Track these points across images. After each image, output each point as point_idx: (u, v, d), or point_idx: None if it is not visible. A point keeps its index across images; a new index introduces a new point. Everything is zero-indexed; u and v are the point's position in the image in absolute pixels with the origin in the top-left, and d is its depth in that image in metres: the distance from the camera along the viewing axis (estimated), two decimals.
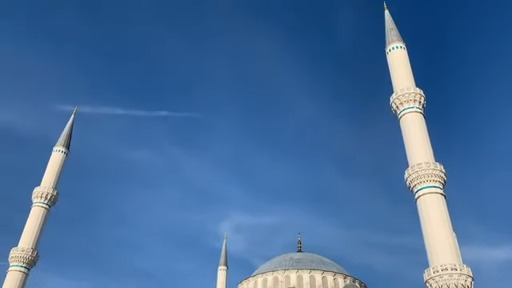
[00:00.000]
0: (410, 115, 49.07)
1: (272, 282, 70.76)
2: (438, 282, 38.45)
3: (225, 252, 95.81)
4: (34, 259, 62.45)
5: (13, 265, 60.96)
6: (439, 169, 44.40)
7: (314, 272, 70.30)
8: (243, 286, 76.00)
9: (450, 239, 41.03)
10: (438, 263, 39.27)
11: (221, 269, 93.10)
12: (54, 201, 67.75)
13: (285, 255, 78.06)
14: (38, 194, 66.75)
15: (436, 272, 38.95)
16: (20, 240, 63.39)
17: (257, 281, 72.90)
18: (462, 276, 38.28)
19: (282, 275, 70.62)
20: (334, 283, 69.52)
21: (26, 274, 61.29)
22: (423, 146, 46.79)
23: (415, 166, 44.84)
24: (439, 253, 40.05)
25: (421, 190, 43.60)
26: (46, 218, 65.99)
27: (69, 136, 73.49)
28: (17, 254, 61.29)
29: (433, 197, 42.89)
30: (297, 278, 69.67)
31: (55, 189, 68.12)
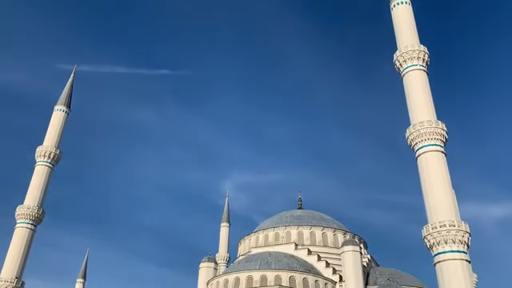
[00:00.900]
0: (414, 73, 48.48)
1: (273, 237, 72.45)
2: (436, 238, 39.25)
3: (227, 209, 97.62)
4: (40, 216, 63.74)
5: (20, 222, 62.31)
6: (441, 127, 44.34)
7: (315, 228, 71.82)
8: (245, 242, 77.92)
9: (449, 196, 41.56)
10: (437, 220, 39.96)
11: (223, 225, 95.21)
12: (57, 159, 68.37)
13: (286, 212, 79.55)
14: (41, 153, 67.28)
15: (434, 228, 39.71)
16: (26, 198, 64.49)
17: (258, 237, 74.64)
18: (460, 232, 39.03)
19: (283, 231, 72.22)
20: (333, 239, 71.13)
21: (33, 230, 62.74)
22: (425, 104, 46.52)
23: (417, 125, 44.77)
24: (438, 210, 40.68)
25: (421, 149, 43.74)
26: (49, 176, 66.82)
27: (69, 95, 73.14)
28: (23, 212, 62.50)
29: (433, 155, 43.08)
30: (297, 233, 71.27)
31: (58, 148, 68.55)
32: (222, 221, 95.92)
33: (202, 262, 75.05)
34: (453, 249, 38.57)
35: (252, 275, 57.87)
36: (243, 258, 67.93)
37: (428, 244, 40.08)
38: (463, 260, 38.38)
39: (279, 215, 78.80)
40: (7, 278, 58.25)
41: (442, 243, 38.98)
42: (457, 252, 38.47)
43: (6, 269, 59.22)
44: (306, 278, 58.18)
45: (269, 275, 57.29)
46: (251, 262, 61.38)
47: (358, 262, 62.64)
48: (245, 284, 57.24)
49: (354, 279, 60.78)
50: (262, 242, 73.18)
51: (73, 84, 73.77)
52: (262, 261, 60.62)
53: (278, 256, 61.91)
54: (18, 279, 59.11)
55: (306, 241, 70.17)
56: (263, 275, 57.49)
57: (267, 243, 71.85)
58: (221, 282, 60.29)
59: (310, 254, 65.72)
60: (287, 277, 57.20)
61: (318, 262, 64.10)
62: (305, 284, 57.37)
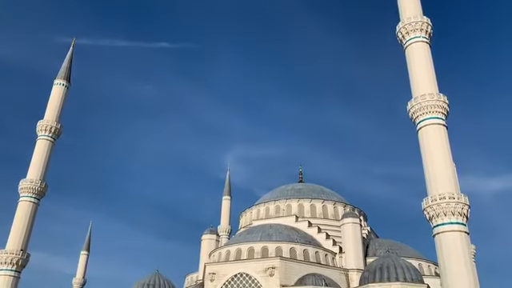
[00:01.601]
0: (416, 45, 47.84)
1: (274, 210, 73.25)
2: (436, 210, 39.61)
3: (228, 182, 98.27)
4: (43, 190, 64.21)
5: (23, 195, 62.82)
6: (443, 100, 44.07)
7: (315, 201, 72.52)
8: (246, 215, 78.85)
9: (450, 169, 41.71)
10: (437, 192, 40.22)
11: (225, 198, 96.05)
12: (58, 134, 68.36)
13: (286, 185, 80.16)
14: (41, 128, 67.21)
15: (434, 201, 40.00)
16: (28, 172, 64.83)
17: (259, 209, 75.46)
18: (459, 204, 39.34)
19: (284, 204, 72.95)
20: (333, 211, 71.92)
21: (36, 204, 63.32)
22: (427, 77, 46.10)
23: (418, 98, 44.51)
24: (438, 182, 40.90)
25: (423, 122, 43.60)
26: (51, 150, 66.95)
27: (68, 69, 72.46)
28: (26, 186, 62.92)
29: (434, 128, 42.97)
30: (298, 206, 72.01)
31: (58, 122, 68.43)
32: (224, 194, 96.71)
33: (204, 234, 76.11)
34: (452, 221, 38.97)
35: (253, 247, 58.78)
36: (244, 230, 68.87)
37: (427, 216, 40.48)
38: (462, 232, 38.83)
39: (280, 188, 79.44)
40: (12, 250, 59.15)
41: (441, 215, 39.35)
42: (456, 224, 38.89)
43: (11, 242, 60.08)
44: (307, 249, 59.10)
45: (270, 247, 58.19)
46: (252, 234, 62.25)
47: (358, 233, 63.52)
48: (246, 255, 58.19)
49: (353, 250, 61.77)
50: (263, 214, 74.02)
51: (72, 57, 72.97)
52: (263, 233, 61.46)
53: (278, 228, 62.74)
54: (24, 251, 60.05)
55: (306, 213, 70.96)
56: (264, 247, 58.39)
57: (268, 216, 72.68)
58: (223, 254, 61.31)
59: (311, 226, 66.57)
60: (288, 248, 58.10)
61: (319, 234, 65.00)
62: (305, 255, 58.31)
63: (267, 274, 53.47)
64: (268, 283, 52.99)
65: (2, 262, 58.62)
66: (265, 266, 54.08)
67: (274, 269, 53.47)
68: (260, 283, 53.46)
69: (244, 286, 54.53)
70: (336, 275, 57.36)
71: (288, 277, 53.57)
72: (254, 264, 55.16)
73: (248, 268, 55.11)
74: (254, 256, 57.36)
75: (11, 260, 58.65)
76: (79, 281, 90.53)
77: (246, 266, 55.44)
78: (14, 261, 58.73)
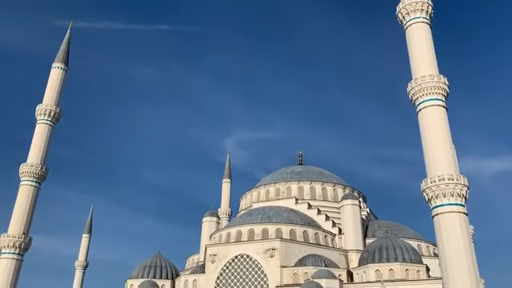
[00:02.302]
0: (417, 26, 47.35)
1: (274, 192, 73.65)
2: (435, 192, 39.78)
3: (228, 165, 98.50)
4: (44, 174, 64.37)
5: (24, 179, 63.02)
6: (443, 81, 43.83)
7: (315, 183, 72.88)
8: (247, 197, 79.30)
9: (449, 150, 41.75)
10: (436, 174, 40.34)
11: (225, 181, 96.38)
12: (58, 118, 68.17)
13: (286, 168, 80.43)
14: (41, 112, 67.00)
15: (433, 182, 40.14)
16: (28, 156, 64.88)
17: (260, 192, 75.88)
18: (458, 185, 39.50)
19: (284, 186, 73.32)
20: (333, 193, 72.34)
21: (37, 188, 63.56)
22: (428, 58, 45.76)
23: (418, 79, 44.27)
24: (437, 164, 40.98)
25: (423, 103, 43.44)
26: (51, 134, 66.85)
27: (66, 52, 71.84)
28: (26, 170, 63.05)
29: (434, 109, 42.83)
30: (298, 188, 72.40)
31: (58, 106, 68.16)
32: (224, 177, 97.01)
33: (205, 216, 76.68)
34: (451, 202, 39.17)
35: (253, 228, 59.29)
36: (245, 213, 69.39)
37: (427, 197, 40.68)
38: (461, 213, 39.08)
39: (280, 171, 79.72)
40: (15, 233, 59.60)
41: (440, 196, 39.54)
42: (454, 205, 39.11)
43: (13, 225, 60.49)
44: (306, 230, 59.63)
45: (270, 228, 58.70)
46: (253, 216, 62.72)
47: (357, 215, 64.04)
48: (246, 237, 58.73)
49: (353, 232, 62.36)
50: (263, 196, 74.46)
51: (69, 40, 72.26)
52: (263, 215, 61.93)
53: (278, 210, 63.19)
54: (26, 235, 60.51)
55: (306, 195, 71.38)
56: (264, 228, 58.89)
57: (268, 198, 73.13)
58: (223, 236, 61.87)
59: (310, 208, 67.04)
60: (288, 230, 58.61)
61: (318, 216, 65.51)
62: (305, 236, 58.87)
63: (267, 255, 54.07)
64: (268, 264, 53.63)
65: (4, 245, 59.14)
66: (265, 248, 54.65)
67: (275, 250, 54.04)
68: (260, 264, 54.11)
69: (245, 267, 55.19)
70: (335, 256, 58.02)
71: (288, 258, 54.19)
72: (255, 245, 55.72)
73: (248, 249, 55.70)
74: (255, 238, 57.90)
75: (14, 243, 59.14)
76: (81, 263, 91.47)
77: (247, 248, 56.02)
78: (16, 244, 59.24)
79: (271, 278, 52.86)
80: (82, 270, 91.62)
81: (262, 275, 53.64)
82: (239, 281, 54.74)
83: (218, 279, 55.70)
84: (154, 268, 63.97)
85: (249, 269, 54.85)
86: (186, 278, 60.57)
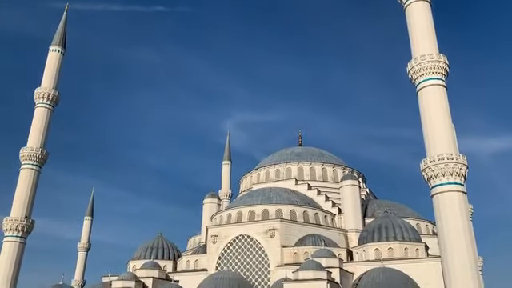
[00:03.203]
0: (417, 4, 46.83)
1: (274, 174, 73.95)
2: (434, 171, 39.96)
3: (228, 147, 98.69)
4: (44, 157, 64.52)
5: (24, 163, 63.21)
6: (443, 60, 43.60)
7: (314, 164, 73.12)
8: (247, 179, 79.66)
9: (449, 130, 41.78)
10: (435, 153, 40.46)
11: (225, 163, 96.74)
12: (56, 101, 67.96)
13: (286, 149, 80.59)
14: (39, 95, 66.76)
15: (432, 161, 40.29)
16: (28, 140, 64.93)
17: (260, 173, 76.18)
18: (458, 165, 39.65)
19: (284, 168, 73.58)
20: (333, 174, 72.65)
21: (38, 171, 63.80)
22: (428, 37, 45.39)
23: (418, 58, 44.03)
24: (437, 143, 41.06)
25: (423, 82, 43.31)
26: (50, 118, 66.74)
27: (63, 34, 71.15)
28: (26, 153, 63.18)
29: (434, 89, 42.72)
30: (298, 170, 72.68)
31: (56, 89, 67.88)
32: (224, 159, 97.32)
33: (206, 198, 77.18)
34: (450, 181, 39.39)
35: (254, 209, 59.73)
36: (245, 194, 69.78)
37: (426, 177, 40.89)
38: (460, 192, 39.33)
39: (280, 152, 79.89)
40: (17, 217, 60.07)
41: (439, 176, 39.75)
42: (454, 184, 39.34)
43: (15, 208, 60.92)
44: (306, 211, 60.09)
45: (270, 209, 59.14)
46: (253, 197, 63.11)
47: (357, 195, 64.45)
48: (247, 217, 59.21)
49: (352, 212, 62.86)
50: (263, 178, 74.79)
51: (66, 23, 71.54)
52: (263, 196, 62.30)
53: (278, 191, 63.54)
54: (28, 218, 60.99)
55: (306, 176, 71.69)
56: (265, 209, 59.33)
57: (268, 179, 73.47)
58: (224, 217, 62.37)
59: (310, 189, 67.42)
60: (288, 210, 59.06)
61: (318, 196, 65.92)
62: (305, 217, 59.35)
63: (268, 235, 54.60)
64: (269, 244, 54.21)
65: (7, 228, 59.63)
66: (265, 228, 55.16)
67: (275, 230, 54.55)
68: (261, 244, 54.69)
69: (245, 247, 55.80)
70: (335, 235, 58.59)
71: (288, 238, 54.74)
72: (255, 226, 56.23)
73: (249, 230, 56.23)
74: (255, 218, 58.38)
75: (16, 226, 59.66)
76: (84, 245, 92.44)
77: (248, 228, 56.54)
78: (19, 227, 59.76)
79: (272, 257, 53.50)
80: (85, 252, 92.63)
81: (263, 255, 54.28)
82: (240, 261, 55.41)
83: (220, 259, 56.38)
84: (155, 249, 64.66)
85: (249, 249, 55.46)
86: (188, 258, 61.29)
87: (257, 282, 53.39)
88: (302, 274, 41.80)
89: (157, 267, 57.20)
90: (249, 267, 54.72)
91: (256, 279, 53.67)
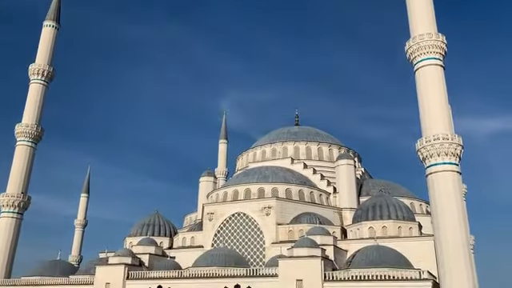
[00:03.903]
0: None
1: (270, 153, 74.12)
2: (429, 151, 40.23)
3: (224, 126, 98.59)
4: (40, 134, 64.35)
5: (20, 140, 63.05)
6: (441, 40, 43.40)
7: (310, 143, 73.26)
8: (243, 158, 79.84)
9: (445, 110, 41.88)
10: (431, 133, 40.64)
11: (221, 142, 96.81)
12: (51, 77, 67.39)
13: (282, 128, 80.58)
14: (34, 71, 66.16)
15: (428, 141, 40.53)
16: (23, 116, 64.61)
17: (256, 152, 76.32)
18: (453, 145, 39.91)
19: (280, 147, 73.72)
20: (329, 153, 72.90)
21: (34, 148, 63.70)
22: (426, 16, 45.06)
23: (417, 38, 43.79)
24: (433, 123, 41.21)
25: (420, 62, 43.20)
26: (45, 94, 66.30)
27: (57, 9, 70.09)
28: (22, 130, 62.97)
29: (432, 69, 42.64)
30: (294, 149, 72.82)
31: (51, 65, 67.24)
32: (220, 137, 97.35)
33: (202, 176, 77.45)
34: (445, 161, 39.71)
35: (250, 188, 60.07)
36: (241, 172, 70.06)
37: (421, 157, 41.17)
38: (454, 172, 39.70)
39: (276, 131, 79.89)
40: (14, 193, 60.26)
41: (434, 156, 40.02)
42: (448, 164, 39.68)
43: (11, 185, 61.05)
44: (302, 189, 60.52)
45: (266, 187, 59.50)
46: (249, 176, 63.40)
47: (352, 174, 64.85)
48: (243, 196, 59.60)
49: (347, 190, 63.36)
50: (259, 157, 74.98)
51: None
52: (259, 174, 62.58)
53: (274, 170, 63.82)
54: (24, 194, 61.21)
55: (302, 155, 71.92)
56: (261, 188, 59.68)
57: (264, 158, 73.67)
58: (220, 195, 62.74)
59: (306, 168, 67.73)
60: (283, 189, 59.46)
61: (314, 175, 66.29)
62: (300, 195, 59.80)
63: (264, 213, 55.10)
64: (264, 222, 54.76)
65: (4, 204, 59.91)
66: (261, 206, 55.62)
67: (271, 208, 55.03)
68: (257, 222, 55.24)
69: (241, 224, 56.35)
70: (330, 214, 59.20)
71: (284, 216, 55.28)
72: (251, 204, 56.68)
73: (245, 208, 56.69)
74: (251, 197, 58.78)
75: (13, 202, 59.91)
76: (80, 222, 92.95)
77: (243, 206, 57.00)
78: (15, 203, 60.03)
79: (267, 234, 54.12)
80: (82, 228, 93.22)
81: (258, 232, 54.89)
82: (236, 238, 56.03)
83: (216, 236, 56.99)
84: (152, 226, 65.16)
85: (245, 226, 56.03)
86: (184, 235, 61.88)
87: (252, 259, 54.13)
88: (297, 251, 42.36)
89: (153, 244, 57.75)
90: (244, 244, 55.37)
91: (251, 256, 54.39)
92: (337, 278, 40.01)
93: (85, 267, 57.58)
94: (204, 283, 44.77)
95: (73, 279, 53.21)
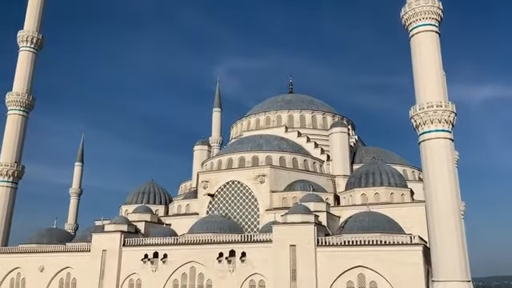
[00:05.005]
0: None
1: (264, 121, 74.06)
2: (423, 118, 40.31)
3: (218, 95, 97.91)
4: (31, 103, 63.69)
5: (11, 108, 62.42)
6: (437, 6, 42.76)
7: (305, 111, 73.19)
8: (237, 126, 79.75)
9: (439, 77, 41.73)
10: (425, 100, 40.65)
11: (215, 110, 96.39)
12: (41, 45, 66.11)
13: (276, 97, 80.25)
14: (22, 38, 64.83)
15: (422, 109, 40.55)
16: (13, 85, 63.74)
17: (250, 121, 76.21)
18: (446, 112, 39.98)
19: (274, 115, 73.62)
20: (322, 121, 72.98)
21: (26, 117, 63.16)
22: None
23: (412, 3, 43.09)
24: (427, 90, 41.15)
25: (416, 28, 42.68)
26: (35, 62, 65.22)
27: None
28: (13, 99, 62.27)
29: (427, 35, 42.20)
30: (288, 117, 72.77)
31: (40, 32, 65.83)
32: (214, 106, 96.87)
33: (196, 144, 77.52)
34: (438, 128, 39.86)
35: (244, 156, 60.32)
36: (235, 141, 70.15)
37: (415, 124, 41.28)
38: (447, 139, 39.94)
39: (270, 100, 79.56)
40: (7, 162, 60.13)
41: (427, 123, 40.15)
42: (441, 131, 39.86)
43: (5, 154, 60.85)
44: (296, 157, 60.87)
45: (260, 156, 59.77)
46: (243, 144, 63.54)
47: (346, 142, 65.19)
48: (237, 164, 59.90)
49: (340, 158, 63.85)
50: (253, 125, 74.94)
51: None
52: (253, 143, 62.74)
53: (268, 138, 63.96)
54: (18, 163, 61.13)
55: (296, 124, 71.97)
56: (255, 156, 59.95)
57: (258, 127, 73.68)
58: (215, 163, 63.00)
59: (300, 136, 67.93)
60: (277, 157, 59.77)
61: (307, 144, 66.58)
62: (294, 163, 60.20)
63: (258, 181, 55.58)
64: (259, 190, 55.33)
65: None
66: (255, 174, 56.06)
67: (265, 176, 55.50)
68: (251, 189, 55.80)
69: (236, 192, 56.91)
70: (323, 181, 59.84)
71: (278, 183, 55.83)
72: (246, 172, 57.07)
73: (239, 176, 57.12)
74: (245, 165, 59.10)
75: (7, 172, 59.91)
76: (75, 191, 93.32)
77: (238, 174, 57.41)
78: (9, 172, 60.04)
79: (261, 202, 54.80)
80: (77, 197, 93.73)
81: (253, 199, 55.55)
82: (230, 205, 56.71)
83: (210, 203, 57.63)
84: (147, 194, 65.68)
85: (240, 194, 56.60)
86: (179, 203, 62.50)
87: (246, 225, 54.97)
88: (291, 217, 43.00)
89: (149, 211, 58.35)
90: (239, 211, 56.11)
91: (246, 222, 55.21)
92: (329, 243, 40.85)
93: (81, 235, 58.29)
94: (199, 249, 45.60)
95: (70, 246, 53.95)
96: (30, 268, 53.54)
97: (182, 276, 45.92)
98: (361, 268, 39.12)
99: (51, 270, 52.36)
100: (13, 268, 54.79)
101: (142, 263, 47.27)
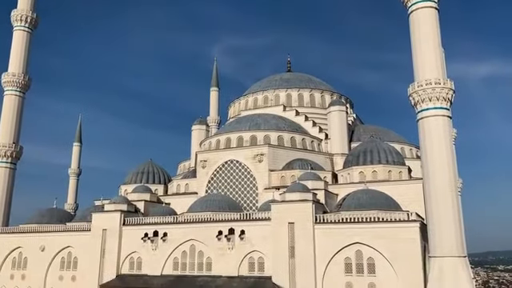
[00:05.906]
0: None
1: (262, 100, 73.83)
2: (421, 96, 40.18)
3: (216, 74, 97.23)
4: (27, 83, 63.27)
5: (7, 89, 62.07)
6: None
7: (303, 90, 72.93)
8: (235, 105, 79.52)
9: (438, 54, 41.41)
10: (423, 78, 40.45)
11: (213, 90, 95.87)
12: (36, 24, 65.32)
13: (274, 75, 79.80)
14: (16, 18, 64.03)
15: (420, 86, 40.36)
16: (9, 65, 63.20)
17: (248, 100, 75.97)
18: (444, 90, 39.82)
19: (272, 94, 73.35)
20: (321, 100, 72.79)
21: (22, 97, 62.84)
22: None
23: None
24: (425, 68, 40.87)
25: (415, 4, 42.14)
26: (30, 41, 64.51)
27: None
28: (8, 79, 61.85)
29: (426, 11, 41.68)
30: (286, 96, 72.54)
31: (34, 11, 64.95)
32: (212, 85, 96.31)
33: (194, 124, 77.42)
34: (436, 106, 39.76)
35: (242, 135, 60.33)
36: (233, 120, 70.04)
37: (413, 101, 41.16)
38: (445, 116, 39.90)
39: (268, 78, 79.13)
40: (5, 143, 60.09)
41: (426, 100, 40.04)
42: (440, 109, 39.77)
43: (2, 135, 60.75)
44: (294, 136, 60.92)
45: (258, 135, 59.79)
46: (241, 124, 63.46)
47: (344, 120, 65.19)
48: (236, 143, 59.97)
49: (338, 136, 63.95)
50: (251, 104, 74.73)
51: None
52: (251, 122, 62.66)
53: (266, 117, 63.86)
54: (16, 144, 61.10)
55: (294, 102, 71.79)
56: (253, 135, 59.97)
57: (256, 106, 73.48)
58: (213, 143, 63.05)
59: (298, 115, 67.83)
60: (276, 136, 59.81)
61: (306, 122, 66.53)
62: (292, 142, 60.29)
63: (256, 160, 55.76)
64: (257, 169, 55.55)
65: None
66: (254, 153, 56.20)
67: (263, 155, 55.65)
68: (250, 168, 56.01)
69: (234, 171, 57.14)
70: (321, 160, 60.06)
71: (276, 162, 56.01)
72: (244, 151, 57.20)
73: (238, 155, 57.26)
74: (244, 144, 59.17)
75: (5, 152, 59.94)
76: (74, 171, 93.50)
77: (236, 154, 57.54)
78: (7, 153, 60.06)
79: (260, 181, 55.08)
80: (76, 177, 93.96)
81: (251, 178, 55.81)
82: (229, 184, 57.00)
83: (209, 183, 57.91)
84: (146, 174, 65.88)
85: (238, 173, 56.85)
86: (178, 182, 62.77)
87: (245, 204, 55.38)
88: (289, 195, 43.29)
89: (148, 191, 58.63)
90: (238, 190, 56.44)
91: (245, 201, 55.61)
92: (327, 221, 41.28)
93: (81, 214, 58.67)
94: (199, 228, 46.05)
95: (70, 226, 54.38)
96: (31, 247, 54.09)
97: (182, 254, 46.50)
98: (358, 245, 39.67)
99: (52, 249, 52.92)
100: (14, 248, 55.34)
101: (142, 242, 47.78)
